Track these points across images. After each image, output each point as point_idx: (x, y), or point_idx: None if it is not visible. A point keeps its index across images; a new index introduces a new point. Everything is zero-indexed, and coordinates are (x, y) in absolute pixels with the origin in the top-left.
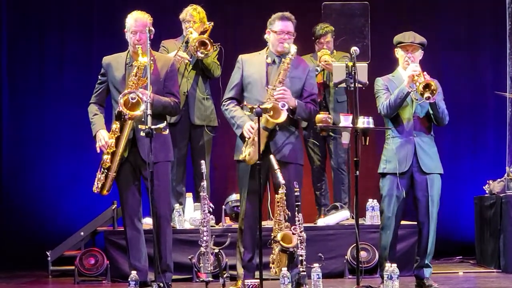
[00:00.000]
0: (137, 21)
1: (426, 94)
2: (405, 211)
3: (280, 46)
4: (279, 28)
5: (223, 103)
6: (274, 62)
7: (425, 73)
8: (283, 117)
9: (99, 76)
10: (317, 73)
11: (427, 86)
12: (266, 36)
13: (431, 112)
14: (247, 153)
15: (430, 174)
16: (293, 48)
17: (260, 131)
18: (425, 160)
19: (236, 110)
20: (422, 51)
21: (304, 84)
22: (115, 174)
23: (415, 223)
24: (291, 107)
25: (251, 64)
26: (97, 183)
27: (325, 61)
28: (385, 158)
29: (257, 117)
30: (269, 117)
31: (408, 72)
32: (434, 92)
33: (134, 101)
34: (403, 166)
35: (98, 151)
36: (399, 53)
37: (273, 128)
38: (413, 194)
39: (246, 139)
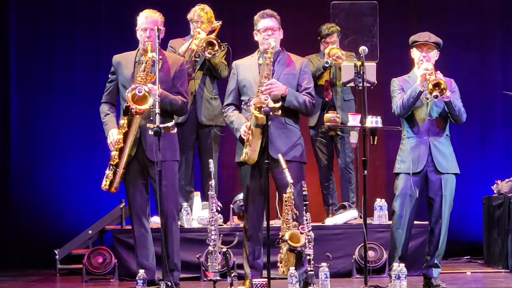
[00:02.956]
0: (147, 18)
1: (435, 93)
2: (418, 212)
3: (266, 43)
4: (262, 26)
5: (223, 110)
6: None
7: (438, 72)
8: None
9: (109, 75)
10: (327, 66)
11: (437, 85)
12: (255, 38)
13: (447, 110)
14: (245, 153)
15: (445, 174)
16: (272, 42)
17: (253, 130)
18: (440, 160)
19: (234, 115)
20: (438, 52)
21: (298, 80)
22: (123, 170)
23: (425, 223)
24: (281, 95)
25: (244, 68)
26: (106, 180)
27: (336, 55)
28: (400, 158)
29: (265, 116)
30: (257, 113)
31: (420, 71)
32: (444, 91)
33: (141, 94)
34: (417, 166)
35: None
36: (414, 53)
37: (265, 124)
38: (427, 194)
39: (245, 140)
